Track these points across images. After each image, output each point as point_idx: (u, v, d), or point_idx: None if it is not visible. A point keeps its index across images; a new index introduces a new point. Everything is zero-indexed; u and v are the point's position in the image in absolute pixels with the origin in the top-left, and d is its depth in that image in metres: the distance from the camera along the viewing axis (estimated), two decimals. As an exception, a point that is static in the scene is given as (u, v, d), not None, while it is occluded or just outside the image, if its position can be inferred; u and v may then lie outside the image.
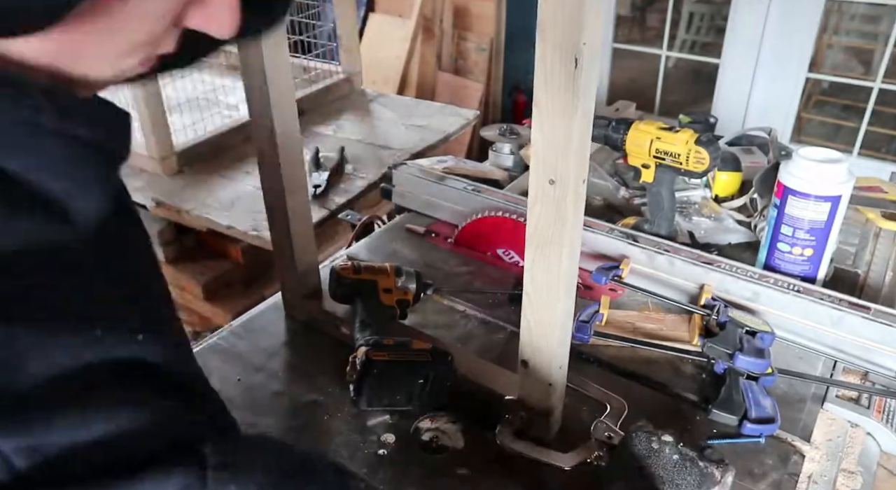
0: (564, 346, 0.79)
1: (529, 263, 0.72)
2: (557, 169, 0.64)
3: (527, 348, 0.79)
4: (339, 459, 0.83)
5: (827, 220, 1.05)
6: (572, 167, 0.63)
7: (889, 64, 2.69)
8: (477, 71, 3.43)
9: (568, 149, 0.62)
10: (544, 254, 0.70)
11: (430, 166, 1.41)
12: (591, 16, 0.56)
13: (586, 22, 0.56)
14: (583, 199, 0.68)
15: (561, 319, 0.74)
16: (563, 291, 0.72)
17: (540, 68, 0.60)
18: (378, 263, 1.03)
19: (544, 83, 0.60)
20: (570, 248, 0.69)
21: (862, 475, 0.82)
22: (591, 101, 0.62)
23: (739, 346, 0.91)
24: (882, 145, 3.05)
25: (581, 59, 0.57)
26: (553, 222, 0.67)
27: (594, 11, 0.57)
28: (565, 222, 0.67)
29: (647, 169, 1.19)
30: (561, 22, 0.57)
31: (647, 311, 1.07)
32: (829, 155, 1.06)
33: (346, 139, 2.00)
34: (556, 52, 0.58)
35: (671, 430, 0.73)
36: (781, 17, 2.75)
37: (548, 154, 0.64)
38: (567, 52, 0.58)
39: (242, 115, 2.01)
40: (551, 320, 0.74)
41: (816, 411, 0.90)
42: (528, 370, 0.80)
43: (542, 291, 0.73)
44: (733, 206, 1.34)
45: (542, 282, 0.72)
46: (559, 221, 0.67)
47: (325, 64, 2.34)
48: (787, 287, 1.01)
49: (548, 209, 0.67)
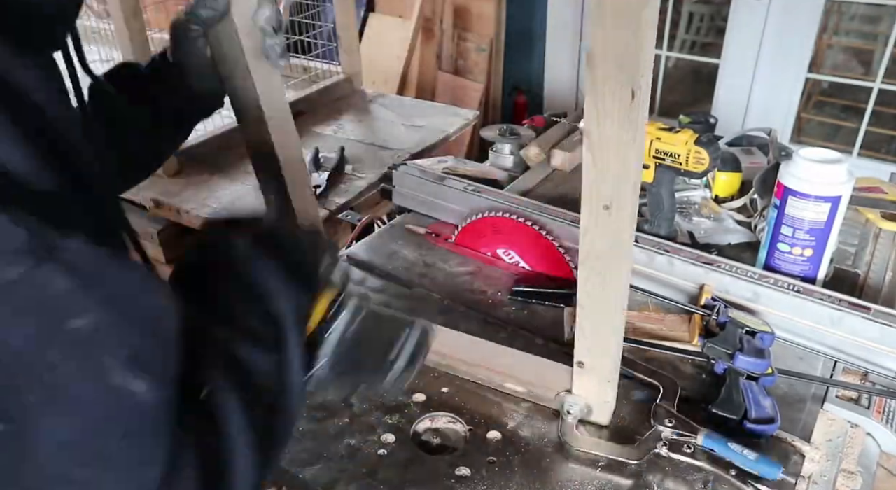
0: (619, 349, 0.83)
1: (583, 280, 0.76)
2: (613, 195, 0.66)
3: (583, 351, 0.83)
4: (340, 460, 0.83)
5: (827, 221, 1.05)
6: (629, 194, 0.65)
7: (889, 64, 2.69)
8: (477, 71, 3.42)
9: (625, 178, 0.64)
10: (598, 272, 0.74)
11: (430, 166, 1.41)
12: (648, 47, 0.56)
13: (644, 53, 0.55)
14: (634, 224, 0.71)
15: (618, 327, 0.79)
16: (619, 304, 0.76)
17: (591, 99, 0.60)
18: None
19: (596, 116, 0.60)
20: (627, 267, 0.74)
21: (862, 475, 0.83)
22: (644, 130, 0.63)
23: (739, 347, 0.91)
24: (882, 146, 3.05)
25: (638, 92, 0.57)
26: (610, 246, 0.70)
27: (651, 42, 0.56)
28: (622, 245, 0.70)
29: (647, 169, 1.19)
30: (616, 53, 0.56)
31: (648, 311, 1.07)
32: (828, 155, 1.06)
33: (346, 139, 2.00)
34: (608, 84, 0.57)
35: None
36: (781, 17, 2.75)
37: (601, 182, 0.65)
38: (623, 85, 0.57)
39: (242, 115, 2.00)
40: (608, 329, 0.79)
41: (816, 411, 0.90)
42: (585, 369, 0.84)
43: (597, 305, 0.77)
44: (733, 207, 1.34)
45: (598, 297, 0.76)
46: (616, 244, 0.70)
47: (325, 64, 2.33)
48: (787, 287, 1.01)
49: (603, 232, 0.70)
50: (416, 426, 0.88)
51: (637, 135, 0.60)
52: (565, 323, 1.05)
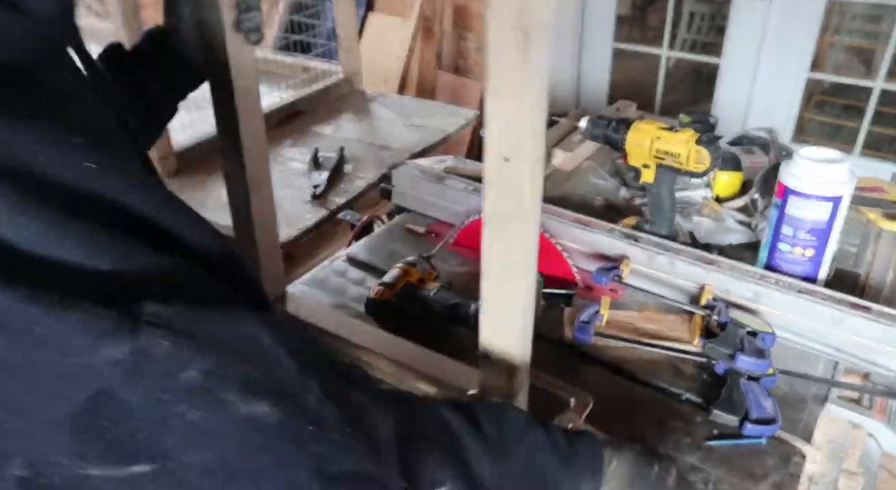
0: (527, 335, 0.73)
1: (486, 247, 0.67)
2: (513, 145, 0.61)
3: (487, 336, 0.74)
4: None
5: (828, 221, 1.04)
6: (529, 143, 0.60)
7: (890, 64, 2.68)
8: (477, 71, 3.42)
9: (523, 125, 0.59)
10: (500, 236, 0.66)
11: (430, 166, 1.41)
12: None
13: None
14: (540, 178, 0.64)
15: (522, 302, 0.70)
16: (522, 273, 0.67)
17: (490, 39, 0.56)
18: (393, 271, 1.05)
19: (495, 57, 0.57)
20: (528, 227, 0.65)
21: (863, 476, 0.82)
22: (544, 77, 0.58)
23: (740, 347, 0.90)
24: (883, 145, 3.04)
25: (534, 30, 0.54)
26: (512, 203, 0.64)
27: None
28: (521, 201, 0.63)
29: (647, 169, 1.19)
30: None
31: (648, 312, 1.07)
32: (830, 155, 1.05)
33: (345, 139, 2.00)
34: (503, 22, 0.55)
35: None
36: (782, 16, 2.74)
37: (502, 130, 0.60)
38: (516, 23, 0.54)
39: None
40: (511, 304, 0.70)
41: (818, 412, 0.90)
42: (490, 360, 0.75)
43: (498, 275, 0.68)
44: (734, 207, 1.34)
45: (501, 266, 0.68)
46: (517, 201, 0.63)
47: (325, 64, 2.33)
48: (788, 287, 1.00)
49: (504, 187, 0.63)
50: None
51: (535, 77, 0.57)
52: (565, 323, 1.05)
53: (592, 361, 0.98)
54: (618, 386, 0.94)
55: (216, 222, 0.57)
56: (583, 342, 1.00)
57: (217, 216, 1.75)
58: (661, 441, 0.85)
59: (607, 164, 1.54)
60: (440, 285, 1.05)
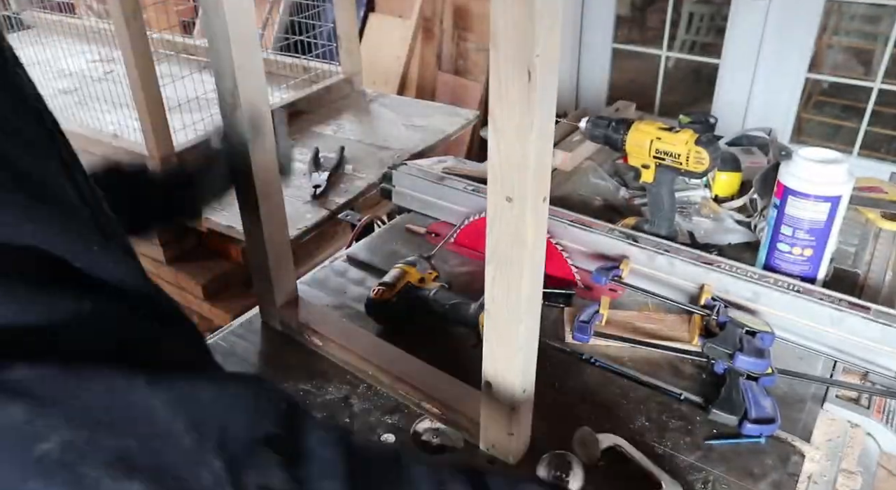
0: (528, 370, 0.75)
1: (489, 282, 0.68)
2: (515, 185, 0.61)
3: (490, 369, 0.75)
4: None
5: (827, 221, 1.05)
6: (530, 184, 0.60)
7: (889, 64, 2.69)
8: (477, 71, 3.42)
9: (525, 166, 0.59)
10: (503, 273, 0.66)
11: (430, 166, 1.41)
12: (542, 24, 0.53)
13: (538, 30, 0.53)
14: (544, 218, 0.65)
15: (524, 341, 0.71)
16: (524, 312, 0.68)
17: (493, 81, 0.57)
18: (393, 271, 1.06)
19: (498, 99, 0.57)
20: (531, 269, 0.66)
21: (862, 475, 0.82)
22: (548, 118, 0.59)
23: (739, 347, 0.91)
24: (882, 146, 3.04)
25: (534, 73, 0.55)
26: (512, 243, 0.64)
27: (548, 21, 0.54)
28: (525, 243, 0.63)
29: (647, 169, 1.19)
30: (514, 33, 0.54)
31: (647, 312, 1.07)
32: (828, 155, 1.06)
33: (345, 139, 2.00)
34: (507, 65, 0.55)
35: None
36: (781, 17, 2.75)
37: (504, 170, 0.61)
38: (520, 65, 0.55)
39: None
40: (513, 343, 0.71)
41: (816, 411, 0.90)
42: (492, 392, 0.76)
43: (502, 312, 0.69)
44: (733, 207, 1.34)
45: (503, 302, 0.68)
46: (519, 242, 0.63)
47: (325, 64, 2.33)
48: (787, 287, 1.01)
49: (506, 227, 0.63)
50: (416, 426, 0.88)
51: (535, 120, 0.57)
52: (565, 323, 1.05)
53: (592, 362, 0.98)
54: (618, 386, 0.94)
55: (217, 222, 0.57)
56: (582, 342, 1.01)
57: (219, 216, 1.76)
58: (661, 441, 0.86)
59: (607, 165, 1.55)
60: (440, 285, 1.06)
